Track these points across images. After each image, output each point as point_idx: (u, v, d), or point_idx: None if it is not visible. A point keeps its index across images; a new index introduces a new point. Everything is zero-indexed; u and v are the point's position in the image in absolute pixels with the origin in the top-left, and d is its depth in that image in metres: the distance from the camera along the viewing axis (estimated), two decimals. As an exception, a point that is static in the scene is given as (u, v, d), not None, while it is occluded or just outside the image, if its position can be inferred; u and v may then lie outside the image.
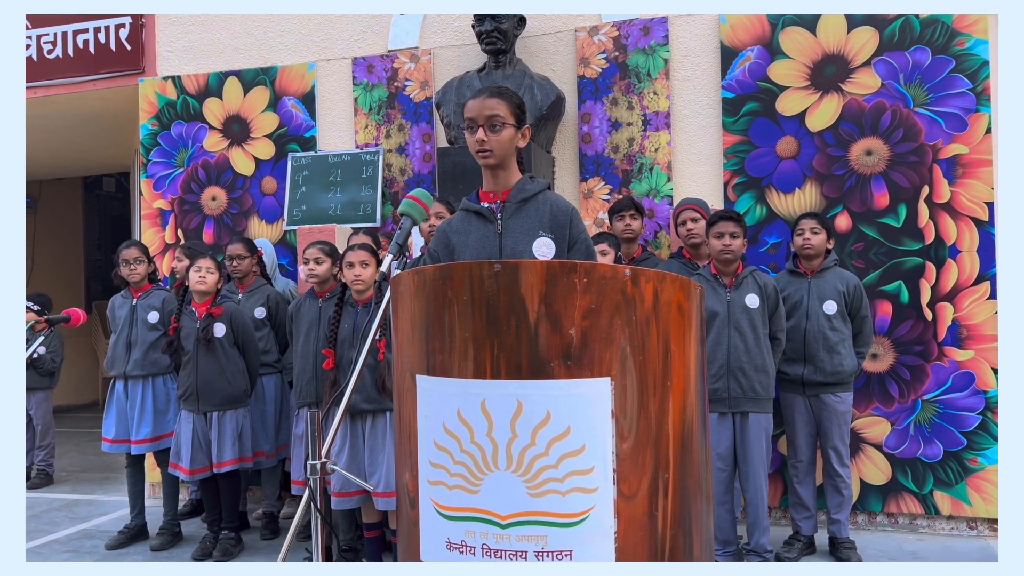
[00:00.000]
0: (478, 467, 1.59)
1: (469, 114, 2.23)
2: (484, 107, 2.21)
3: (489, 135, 2.21)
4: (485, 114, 2.21)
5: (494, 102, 2.22)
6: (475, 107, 2.23)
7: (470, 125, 2.23)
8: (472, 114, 2.23)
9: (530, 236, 2.23)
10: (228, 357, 4.14)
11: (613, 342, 1.59)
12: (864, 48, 4.28)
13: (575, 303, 1.57)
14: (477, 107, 2.22)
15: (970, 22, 4.12)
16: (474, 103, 2.23)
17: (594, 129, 4.69)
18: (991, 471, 4.08)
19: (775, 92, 4.41)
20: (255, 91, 5.30)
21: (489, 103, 2.21)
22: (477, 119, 2.22)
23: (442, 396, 1.63)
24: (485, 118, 2.21)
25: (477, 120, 2.22)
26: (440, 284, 1.64)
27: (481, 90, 2.27)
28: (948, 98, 4.16)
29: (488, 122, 2.21)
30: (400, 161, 5.05)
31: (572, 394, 1.56)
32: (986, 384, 4.09)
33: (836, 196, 4.32)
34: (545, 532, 1.56)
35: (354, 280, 3.62)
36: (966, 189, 4.13)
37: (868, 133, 4.27)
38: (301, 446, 3.89)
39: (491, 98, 2.22)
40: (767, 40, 4.43)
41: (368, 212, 5.00)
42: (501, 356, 1.58)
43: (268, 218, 5.28)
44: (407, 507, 1.75)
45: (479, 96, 2.24)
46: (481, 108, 2.22)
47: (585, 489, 1.57)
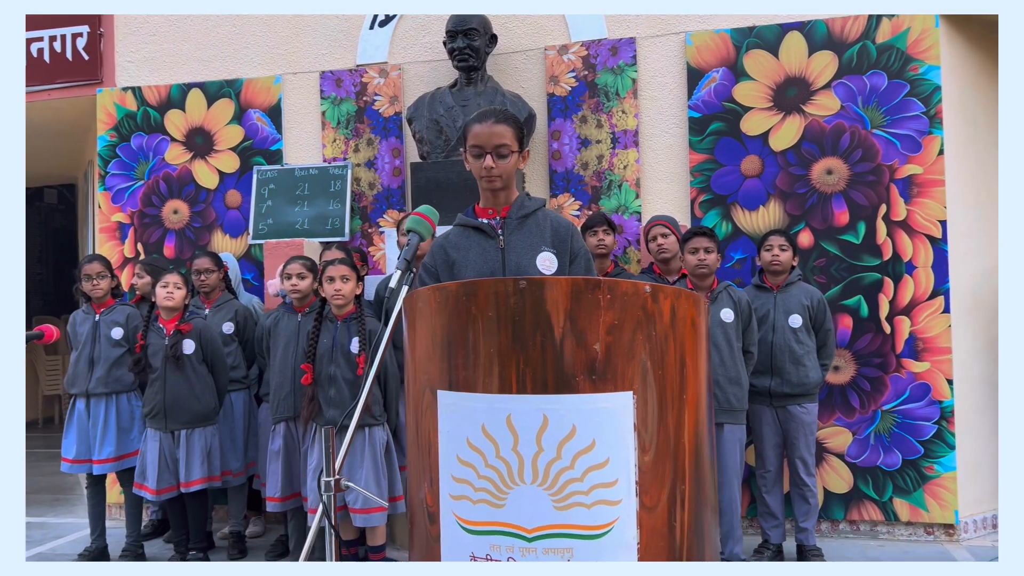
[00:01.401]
0: (504, 481, 1.61)
1: (476, 141, 2.25)
2: (492, 135, 2.24)
3: (497, 162, 2.25)
4: (494, 142, 2.24)
5: (502, 129, 2.24)
6: (483, 134, 2.24)
7: (477, 152, 2.26)
8: (480, 141, 2.25)
9: (533, 251, 2.26)
10: (197, 374, 4.07)
11: (635, 357, 1.63)
12: (824, 71, 4.45)
13: (599, 319, 1.61)
14: (485, 134, 2.24)
15: (924, 47, 4.32)
16: (482, 129, 2.25)
17: (564, 146, 4.76)
18: (947, 478, 4.25)
19: (740, 112, 4.55)
20: (219, 103, 5.23)
21: (497, 131, 2.24)
22: (485, 146, 2.24)
23: (466, 411, 1.65)
24: (493, 146, 2.24)
25: (484, 147, 2.24)
26: (464, 300, 1.66)
27: (486, 114, 2.29)
28: (903, 120, 4.35)
29: (496, 150, 2.24)
30: (369, 176, 5.04)
31: (597, 408, 1.60)
32: (941, 395, 4.27)
33: (798, 213, 4.47)
34: (571, 544, 1.59)
35: (334, 295, 3.60)
36: (921, 208, 4.32)
37: (829, 153, 4.44)
38: (278, 462, 3.84)
39: (498, 125, 2.24)
40: (732, 62, 4.56)
41: (336, 226, 4.97)
42: (527, 371, 1.60)
43: (232, 232, 5.20)
44: (425, 522, 1.76)
45: (485, 121, 2.26)
46: (490, 136, 2.24)
47: (610, 501, 1.60)
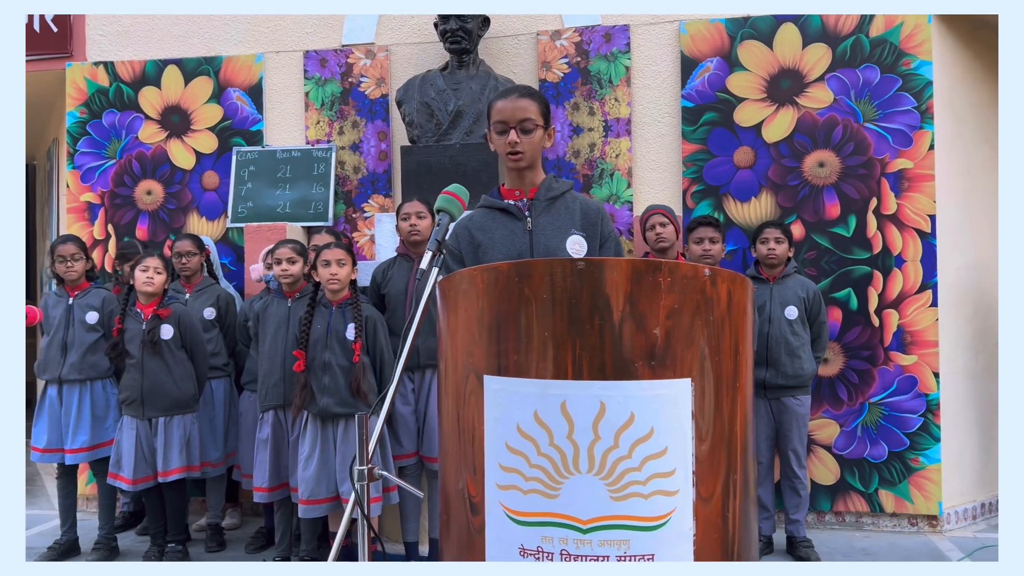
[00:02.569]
0: (557, 471, 1.54)
1: (500, 116, 2.18)
2: (517, 109, 2.17)
3: (522, 137, 2.17)
4: (518, 116, 2.17)
5: (526, 103, 2.17)
6: (507, 109, 2.17)
7: (502, 128, 2.18)
8: (503, 116, 2.17)
9: (562, 233, 2.20)
10: (176, 360, 3.91)
11: (694, 343, 1.58)
12: (818, 64, 4.45)
13: (660, 302, 1.55)
14: (509, 109, 2.17)
15: (917, 42, 4.34)
16: (505, 104, 2.18)
17: (555, 134, 4.68)
18: (932, 470, 4.30)
19: (733, 103, 4.53)
20: (197, 81, 5.05)
21: (521, 104, 2.17)
22: (509, 121, 2.17)
23: (517, 397, 1.58)
24: (517, 120, 2.17)
25: (508, 122, 2.17)
26: (516, 282, 1.58)
27: (509, 90, 2.23)
28: (895, 115, 4.37)
29: (520, 125, 2.17)
30: (354, 159, 4.91)
31: (655, 395, 1.54)
32: (927, 387, 4.31)
33: (790, 205, 4.47)
34: (628, 536, 1.53)
35: (330, 279, 3.48)
36: (911, 202, 4.35)
37: (821, 146, 4.44)
38: (265, 451, 3.72)
39: (522, 99, 2.18)
40: (726, 52, 4.54)
41: (320, 210, 4.84)
42: (584, 356, 1.54)
43: (209, 214, 5.03)
44: (466, 513, 1.68)
45: (508, 96, 2.19)
46: (514, 110, 2.17)
47: (667, 492, 1.55)
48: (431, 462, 3.63)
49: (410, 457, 3.64)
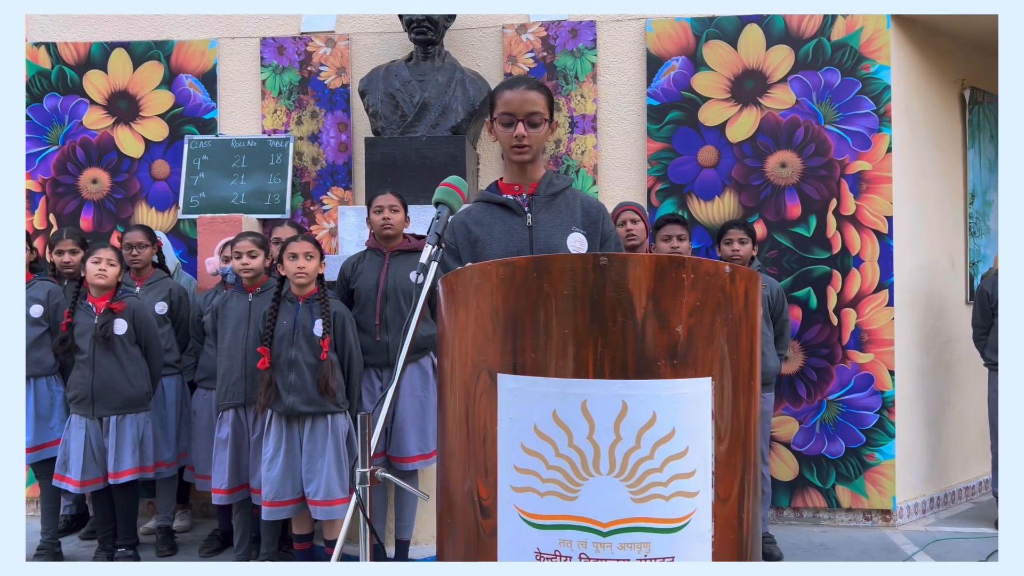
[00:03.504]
0: (576, 472, 1.50)
1: (507, 108, 2.12)
2: (525, 101, 2.12)
3: (529, 131, 2.12)
4: (526, 109, 2.12)
5: (535, 95, 2.12)
6: (515, 100, 2.12)
7: (508, 120, 2.12)
8: (511, 108, 2.12)
9: (563, 231, 2.15)
10: (129, 357, 3.74)
11: (714, 341, 1.55)
12: (781, 65, 4.50)
13: (683, 300, 1.51)
14: (518, 101, 2.12)
15: (876, 47, 4.43)
16: (513, 96, 2.12)
17: (521, 128, 4.63)
18: (886, 465, 4.41)
19: (698, 102, 4.55)
20: (147, 66, 4.84)
21: (530, 97, 2.12)
22: (516, 113, 2.12)
23: (533, 397, 1.53)
24: (525, 113, 2.12)
25: (516, 114, 2.12)
26: (534, 277, 1.53)
27: (516, 80, 2.17)
28: (855, 118, 4.46)
29: (528, 118, 2.12)
30: (312, 150, 4.77)
31: (677, 394, 1.51)
32: (883, 385, 4.41)
33: (753, 205, 4.52)
34: (649, 539, 1.50)
35: (297, 273, 3.37)
36: (869, 203, 4.44)
37: (783, 146, 4.50)
38: (225, 452, 3.58)
39: (531, 91, 2.13)
40: (691, 51, 4.56)
41: (277, 202, 4.69)
42: (605, 354, 1.49)
43: (159, 205, 4.83)
44: (475, 516, 1.62)
45: (516, 88, 2.13)
46: (522, 102, 2.12)
47: (687, 493, 1.52)
48: (400, 462, 3.54)
49: (376, 458, 3.53)
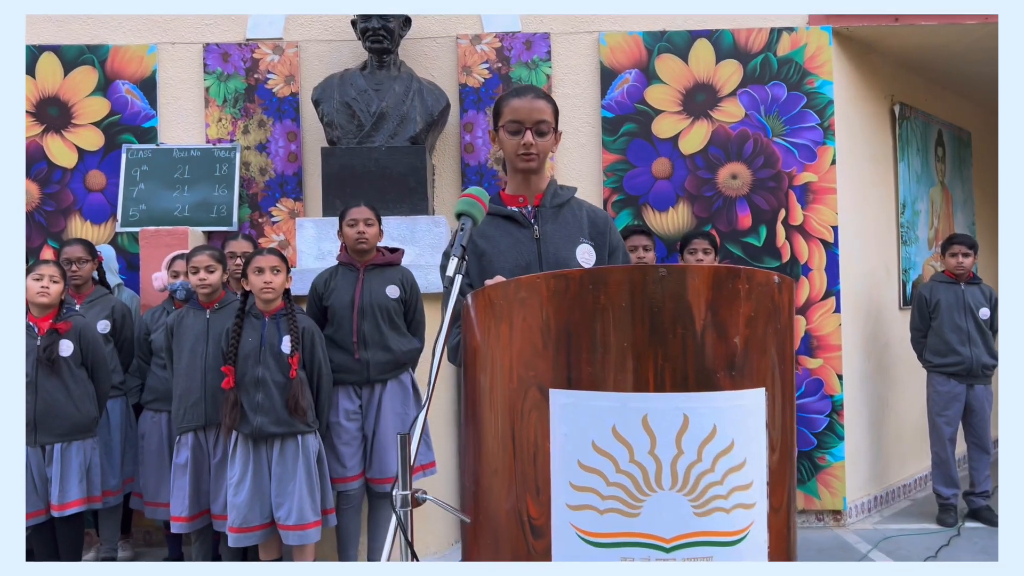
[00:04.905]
0: (639, 488, 1.47)
1: (515, 116, 2.08)
2: (534, 110, 2.08)
3: (536, 139, 2.09)
4: (535, 117, 2.08)
5: (542, 105, 2.09)
6: (523, 108, 2.08)
7: (516, 128, 2.08)
8: (519, 116, 2.08)
9: (571, 242, 2.12)
10: (75, 379, 3.51)
11: (767, 351, 1.55)
12: (730, 79, 4.62)
13: (739, 310, 1.51)
14: (526, 109, 2.08)
15: (819, 63, 4.60)
16: (522, 104, 2.08)
17: (477, 139, 4.60)
18: (837, 467, 4.55)
19: (651, 115, 4.62)
20: (79, 71, 4.58)
21: (538, 105, 2.08)
22: (525, 121, 2.08)
23: (591, 412, 1.49)
24: (533, 121, 2.08)
25: (525, 123, 2.08)
26: (590, 289, 1.50)
27: (523, 89, 2.14)
28: (801, 131, 4.61)
29: (536, 126, 2.08)
30: (260, 160, 4.61)
31: (735, 406, 1.50)
32: (832, 389, 4.56)
33: (705, 216, 4.61)
34: (711, 552, 1.48)
35: (264, 288, 3.22)
36: (815, 214, 4.60)
37: (734, 158, 4.61)
38: (184, 477, 3.40)
39: (539, 100, 2.09)
40: (644, 64, 4.63)
41: (223, 214, 4.51)
42: (666, 367, 1.47)
43: (94, 218, 4.57)
44: (525, 537, 1.57)
45: (524, 96, 2.10)
46: (531, 110, 2.08)
47: (746, 505, 1.51)
48: (380, 484, 3.43)
49: (354, 480, 3.42)
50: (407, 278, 3.58)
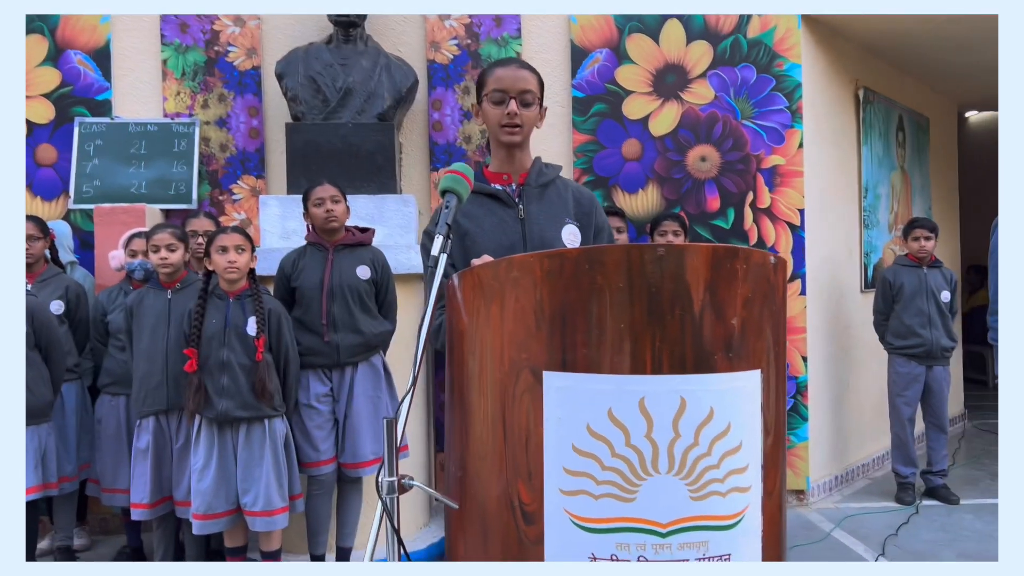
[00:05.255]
0: (635, 472, 1.44)
1: (499, 85, 2.02)
2: (518, 79, 2.02)
3: (521, 110, 2.02)
4: (519, 87, 2.01)
5: (527, 74, 2.03)
6: (507, 77, 2.02)
7: (500, 97, 2.02)
8: (503, 85, 2.01)
9: (557, 223, 2.07)
10: (29, 362, 3.35)
11: (762, 333, 1.53)
12: (700, 61, 4.60)
13: (737, 291, 1.48)
14: (510, 78, 2.02)
15: (788, 46, 4.60)
16: (505, 72, 2.02)
17: (445, 117, 4.52)
18: (801, 448, 4.60)
19: (621, 95, 4.58)
20: (28, 40, 4.37)
21: (523, 75, 2.02)
22: (509, 90, 2.01)
23: (587, 395, 1.45)
24: (518, 91, 2.01)
25: (509, 92, 2.01)
26: (586, 269, 1.46)
27: (507, 60, 2.08)
28: (769, 113, 4.62)
29: (521, 96, 2.02)
30: (221, 136, 4.46)
31: (732, 388, 1.48)
32: (797, 371, 4.60)
33: (674, 198, 4.60)
34: (707, 537, 1.46)
35: (228, 267, 3.12)
36: (783, 197, 4.62)
37: (703, 140, 4.60)
38: (145, 463, 3.29)
39: (523, 69, 2.03)
40: (615, 44, 4.58)
41: (182, 191, 4.36)
42: (664, 349, 1.44)
43: (45, 194, 4.38)
44: (516, 523, 1.53)
45: (508, 66, 2.04)
46: (515, 79, 2.02)
47: (741, 488, 1.49)
48: (355, 468, 3.36)
49: (326, 464, 3.34)
50: (378, 258, 3.50)
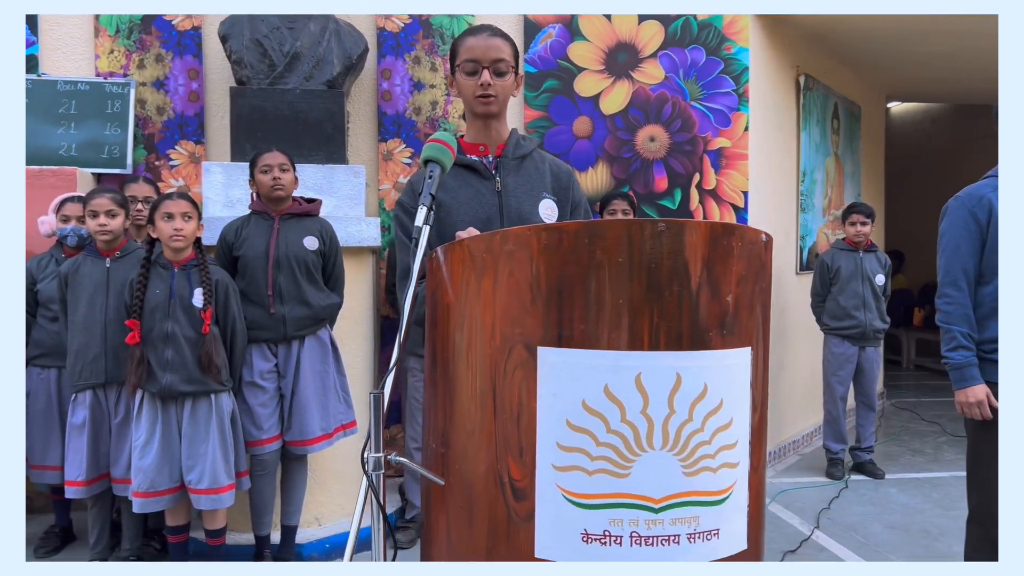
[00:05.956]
0: (629, 448, 1.43)
1: (471, 54, 1.96)
2: (490, 48, 1.96)
3: (495, 79, 1.97)
4: (491, 56, 1.96)
5: (499, 43, 1.98)
6: (479, 47, 1.96)
7: (472, 68, 1.97)
8: (476, 55, 1.96)
9: (534, 197, 2.03)
10: (-50, 331, 3.16)
11: (754, 311, 1.54)
12: (652, 41, 4.61)
13: (732, 268, 1.48)
14: (482, 47, 1.96)
15: (736, 29, 4.66)
16: (477, 42, 1.97)
17: (395, 87, 4.42)
18: (739, 425, 4.71)
19: (574, 72, 4.57)
20: (-55, -14, 4.07)
21: (495, 43, 1.97)
22: (481, 60, 1.96)
23: (582, 371, 1.44)
24: (491, 60, 1.96)
25: (482, 61, 1.96)
26: (586, 243, 1.43)
27: (479, 28, 2.02)
28: (717, 96, 4.67)
29: (494, 65, 1.97)
30: (158, 98, 4.26)
31: (725, 365, 1.49)
32: (737, 350, 4.70)
33: (623, 177, 4.62)
34: (698, 512, 1.47)
35: (174, 235, 2.98)
36: (728, 179, 4.69)
37: (652, 121, 4.63)
38: (81, 438, 3.14)
39: (495, 37, 1.98)
40: (568, 20, 4.55)
41: (116, 155, 4.15)
42: (661, 325, 1.43)
43: (-37, 153, 4.10)
44: (504, 500, 1.51)
45: (480, 34, 1.98)
46: (487, 48, 1.96)
47: (731, 464, 1.51)
48: (302, 446, 3.27)
49: (270, 442, 3.24)
50: (326, 229, 3.40)
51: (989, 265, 2.50)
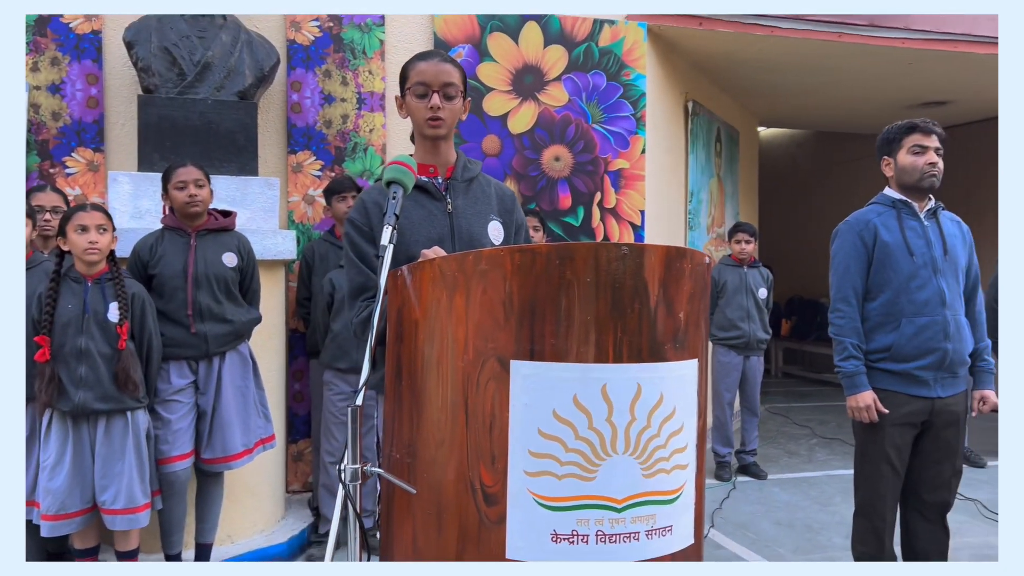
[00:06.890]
0: (596, 453, 1.56)
1: (422, 78, 2.05)
2: (440, 72, 2.05)
3: (444, 103, 2.06)
4: (441, 80, 2.05)
5: (449, 68, 2.07)
6: (430, 71, 2.05)
7: (423, 91, 2.05)
8: (425, 78, 2.04)
9: (483, 219, 2.13)
10: None
11: (700, 325, 1.70)
12: (556, 64, 4.81)
13: (684, 287, 1.64)
14: (432, 71, 2.05)
15: (635, 57, 4.92)
16: (428, 66, 2.05)
17: (305, 99, 4.41)
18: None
19: (483, 92, 4.70)
20: None
21: (445, 68, 2.06)
22: (432, 84, 2.04)
23: (552, 382, 1.55)
24: (441, 84, 2.05)
25: (432, 85, 2.04)
26: (557, 264, 1.55)
27: (429, 53, 2.11)
28: (617, 119, 4.92)
29: (443, 89, 2.06)
30: (53, 103, 4.08)
31: (678, 375, 1.64)
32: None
33: (530, 195, 4.78)
34: (655, 511, 1.61)
35: (88, 248, 2.88)
36: (627, 198, 4.94)
37: (557, 141, 4.82)
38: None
39: (445, 63, 2.07)
40: (477, 40, 4.68)
41: (6, 162, 3.93)
42: (624, 339, 1.57)
43: None
44: (475, 505, 1.60)
45: (430, 59, 2.07)
46: (437, 73, 2.05)
47: (682, 466, 1.66)
48: (222, 463, 3.21)
49: (180, 460, 3.16)
50: (244, 245, 3.37)
51: (875, 283, 2.79)
